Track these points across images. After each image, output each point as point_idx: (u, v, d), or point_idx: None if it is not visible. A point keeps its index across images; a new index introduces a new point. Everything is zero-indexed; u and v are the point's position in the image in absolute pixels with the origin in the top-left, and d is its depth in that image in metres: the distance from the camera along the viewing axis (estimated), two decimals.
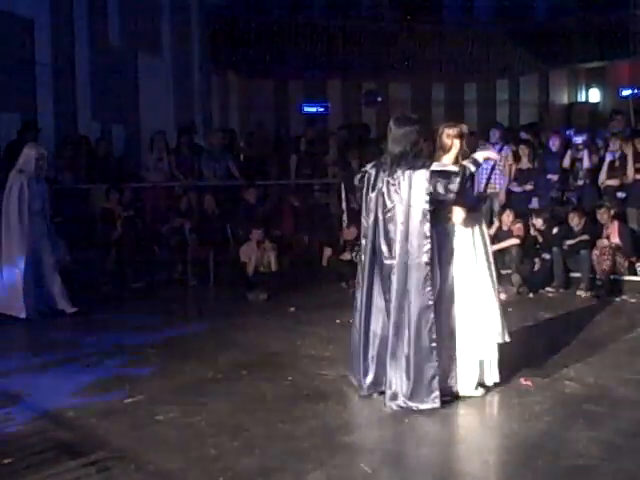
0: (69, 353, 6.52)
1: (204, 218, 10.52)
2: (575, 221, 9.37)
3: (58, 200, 9.15)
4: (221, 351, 6.42)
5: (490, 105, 18.57)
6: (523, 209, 10.10)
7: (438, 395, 4.72)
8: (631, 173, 9.65)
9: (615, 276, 9.05)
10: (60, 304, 7.99)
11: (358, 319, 5.05)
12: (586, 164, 10.16)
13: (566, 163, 10.37)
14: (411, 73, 17.56)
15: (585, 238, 9.22)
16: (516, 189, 10.54)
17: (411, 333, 4.73)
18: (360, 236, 5.25)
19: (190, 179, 11.04)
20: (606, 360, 5.99)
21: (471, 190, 5.23)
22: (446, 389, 4.86)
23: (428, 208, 4.74)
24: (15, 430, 4.57)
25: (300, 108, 17.36)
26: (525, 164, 10.58)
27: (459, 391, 4.97)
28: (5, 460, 4.10)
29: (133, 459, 4.10)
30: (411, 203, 4.78)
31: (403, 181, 4.82)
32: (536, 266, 9.41)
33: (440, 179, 4.73)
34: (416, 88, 18.54)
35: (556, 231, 9.54)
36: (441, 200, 4.79)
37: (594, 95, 19.10)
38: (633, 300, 8.64)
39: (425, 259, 4.74)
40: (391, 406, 4.76)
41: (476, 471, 3.98)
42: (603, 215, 9.31)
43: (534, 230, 9.64)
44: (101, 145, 11.18)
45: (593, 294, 8.88)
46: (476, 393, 5.02)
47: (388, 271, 4.87)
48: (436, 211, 4.80)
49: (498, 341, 5.06)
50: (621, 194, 9.82)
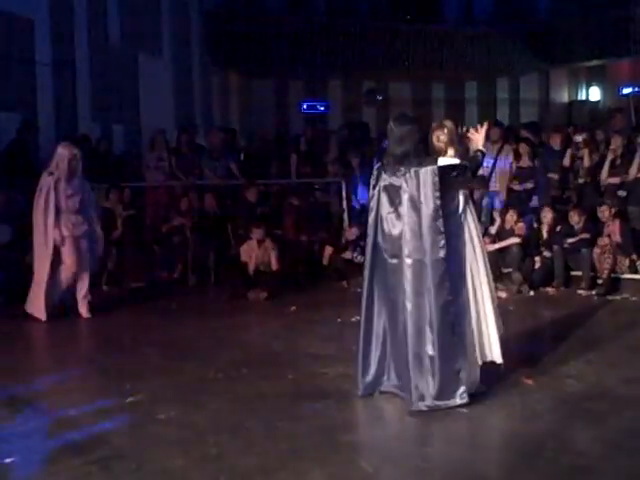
0: (69, 353, 6.53)
1: (204, 217, 10.52)
2: (575, 219, 9.36)
3: None
4: (221, 350, 6.42)
5: (490, 104, 18.58)
6: (523, 207, 10.10)
7: (465, 390, 4.73)
8: (635, 171, 9.63)
9: (616, 274, 9.04)
10: (82, 307, 7.93)
11: (361, 318, 5.05)
12: (586, 162, 10.15)
13: (566, 161, 10.37)
14: (411, 72, 17.56)
15: (586, 236, 9.22)
16: (516, 187, 10.54)
17: (434, 331, 4.71)
18: (360, 237, 5.26)
19: (190, 178, 11.03)
20: (607, 359, 5.98)
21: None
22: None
23: (439, 204, 4.74)
24: (17, 429, 4.57)
25: (300, 107, 17.36)
26: (525, 162, 10.57)
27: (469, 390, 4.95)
28: (7, 459, 4.10)
29: (134, 458, 4.10)
30: (421, 200, 4.76)
31: (410, 179, 4.81)
32: (537, 264, 9.40)
33: (451, 172, 4.77)
34: (416, 87, 18.54)
35: (557, 229, 9.53)
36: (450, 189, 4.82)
37: (594, 93, 19.11)
38: (634, 298, 8.64)
39: (442, 255, 4.73)
40: (420, 407, 4.70)
41: (476, 469, 3.98)
42: (604, 213, 9.31)
43: (538, 224, 9.61)
44: (101, 144, 11.17)
45: (594, 292, 8.88)
46: (477, 390, 5.00)
47: (393, 270, 4.86)
48: (443, 205, 4.79)
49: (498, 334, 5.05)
50: (622, 192, 9.81)
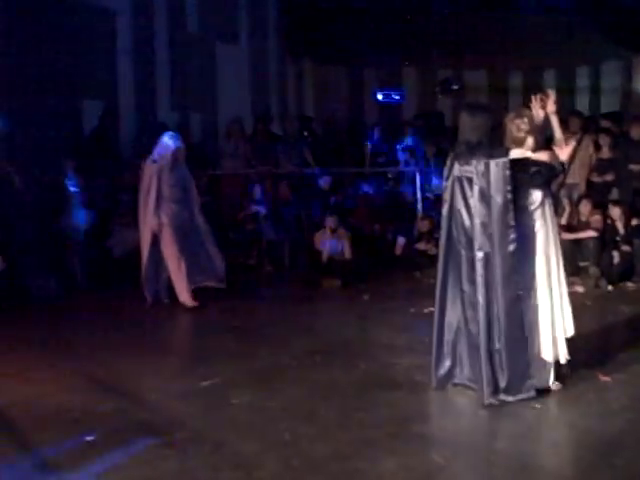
0: (145, 335, 6.72)
1: (279, 205, 10.62)
2: None
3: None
4: (295, 337, 6.49)
5: (570, 93, 18.14)
6: (603, 200, 9.85)
7: (533, 384, 4.70)
8: None
9: None
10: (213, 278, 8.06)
11: (435, 310, 5.04)
12: None
13: None
14: (488, 60, 17.28)
15: None
16: (596, 179, 10.29)
17: (501, 326, 4.67)
18: (434, 228, 5.24)
19: (266, 167, 11.14)
20: None
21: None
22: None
23: (510, 198, 4.68)
24: (98, 410, 4.73)
25: (375, 96, 17.30)
26: (605, 154, 10.30)
27: (536, 385, 4.90)
28: (87, 437, 4.25)
29: (208, 441, 4.20)
30: (491, 193, 4.71)
31: (480, 171, 4.75)
32: (615, 259, 9.17)
33: (525, 176, 4.69)
34: (492, 75, 18.24)
35: (636, 223, 9.28)
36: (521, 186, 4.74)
37: None
38: None
39: (510, 249, 4.68)
40: (492, 401, 4.67)
41: (551, 466, 3.94)
42: None
43: (611, 221, 9.40)
44: (179, 132, 11.35)
45: None
46: (552, 387, 4.94)
47: (466, 263, 4.82)
48: (517, 199, 4.73)
49: (568, 335, 4.97)
50: None
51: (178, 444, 4.16)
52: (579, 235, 9.19)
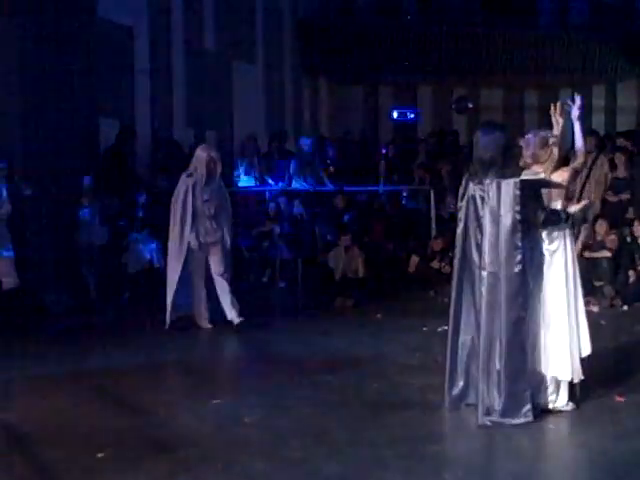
0: (160, 353, 6.72)
1: (293, 223, 10.64)
2: None
3: (153, 202, 9.45)
4: (307, 355, 6.48)
5: (586, 111, 18.07)
6: (618, 219, 9.80)
7: (530, 409, 4.62)
8: None
9: None
10: (229, 314, 7.47)
11: (449, 329, 5.01)
12: None
13: None
14: (503, 79, 17.29)
15: None
16: (611, 198, 10.24)
17: (502, 347, 4.64)
18: (448, 247, 5.22)
19: (280, 184, 11.18)
20: None
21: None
22: (537, 404, 4.76)
23: (519, 218, 4.66)
24: (110, 426, 4.73)
25: (390, 114, 17.33)
26: (622, 172, 10.25)
27: (549, 405, 4.87)
28: (99, 454, 4.25)
29: (220, 459, 4.19)
30: (500, 213, 4.69)
31: (492, 190, 4.73)
32: (631, 278, 9.11)
33: (531, 204, 4.66)
34: (508, 94, 18.24)
35: None
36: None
37: None
38: None
39: (516, 270, 4.66)
40: (485, 422, 4.65)
41: None
42: None
43: (631, 237, 9.32)
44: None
45: None
46: (566, 408, 4.90)
47: (479, 281, 4.81)
48: (525, 221, 4.72)
49: (583, 355, 4.93)
50: None
51: (189, 462, 4.15)
52: (593, 254, 9.14)
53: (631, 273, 9.14)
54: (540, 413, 4.76)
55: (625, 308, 8.83)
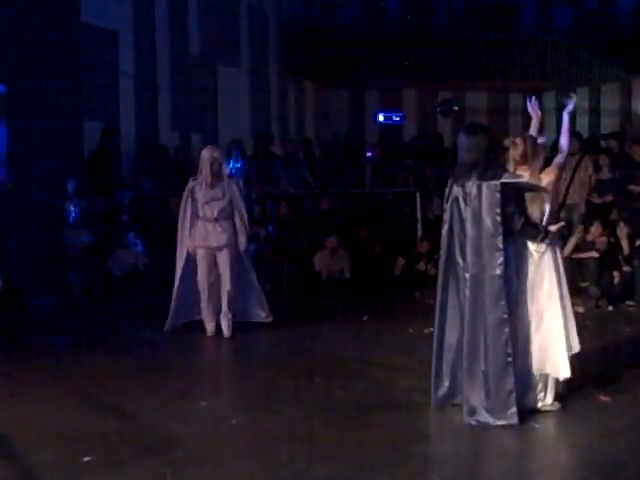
0: (145, 357, 6.69)
1: (279, 225, 10.63)
2: None
3: (138, 206, 9.42)
4: (293, 358, 6.47)
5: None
6: (602, 221, 9.84)
7: (516, 411, 4.62)
8: None
9: None
10: (254, 315, 7.53)
11: (434, 331, 5.02)
12: None
13: None
14: (488, 82, 17.38)
15: None
16: (596, 200, 10.29)
17: (487, 348, 4.66)
18: (433, 248, 5.23)
19: (266, 187, 11.16)
20: None
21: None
22: (524, 404, 4.77)
23: (500, 220, 4.67)
24: (97, 429, 4.70)
25: (376, 117, 17.37)
26: (606, 174, 10.32)
27: (535, 405, 4.88)
28: (85, 458, 4.22)
29: (207, 461, 4.17)
30: (482, 215, 4.70)
31: (474, 192, 4.73)
32: (616, 279, 9.16)
33: (510, 208, 4.67)
34: (493, 97, 18.33)
35: (637, 244, 9.27)
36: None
37: None
38: None
39: (498, 272, 4.66)
40: (469, 422, 4.67)
41: None
42: None
43: (616, 239, 9.37)
44: (180, 154, 11.41)
45: None
46: (552, 407, 4.91)
47: (463, 283, 4.82)
48: (508, 221, 4.73)
49: (571, 353, 4.95)
50: None
51: (176, 464, 4.13)
52: (580, 255, 9.18)
53: (616, 274, 9.19)
54: (527, 414, 4.77)
55: (610, 309, 8.88)
